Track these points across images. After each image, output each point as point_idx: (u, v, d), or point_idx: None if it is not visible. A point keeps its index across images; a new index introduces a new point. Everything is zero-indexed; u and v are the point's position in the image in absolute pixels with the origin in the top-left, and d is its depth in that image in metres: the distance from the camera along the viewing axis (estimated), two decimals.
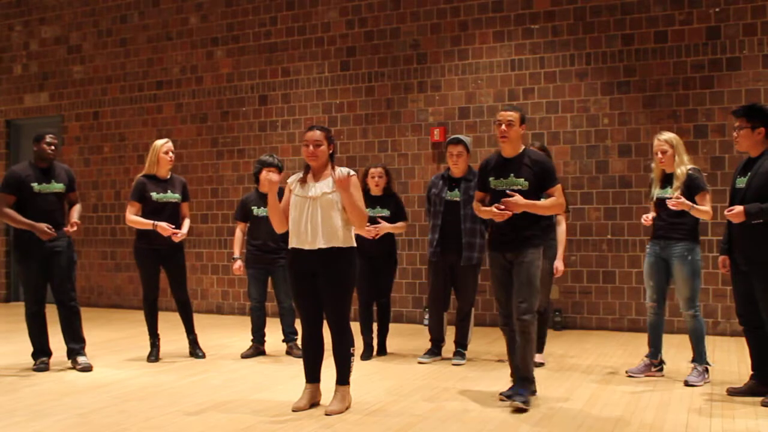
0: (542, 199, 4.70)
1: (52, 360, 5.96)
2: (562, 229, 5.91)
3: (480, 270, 6.14)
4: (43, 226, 5.65)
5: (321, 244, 4.50)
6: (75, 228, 5.82)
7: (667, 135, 5.38)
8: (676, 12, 7.58)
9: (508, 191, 4.62)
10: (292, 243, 4.62)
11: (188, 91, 9.78)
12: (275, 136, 9.27)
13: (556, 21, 8.03)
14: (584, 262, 7.82)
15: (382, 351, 6.42)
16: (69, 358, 5.93)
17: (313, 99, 9.09)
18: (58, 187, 5.91)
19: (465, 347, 6.15)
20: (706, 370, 5.30)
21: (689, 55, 7.52)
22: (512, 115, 4.69)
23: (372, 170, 6.34)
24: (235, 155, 9.48)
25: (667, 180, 5.37)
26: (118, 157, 10.10)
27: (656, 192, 5.43)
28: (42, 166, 5.88)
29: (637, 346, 6.57)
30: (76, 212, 5.98)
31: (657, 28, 7.64)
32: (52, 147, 5.87)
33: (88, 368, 5.83)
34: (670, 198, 5.15)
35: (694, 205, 5.12)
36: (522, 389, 4.59)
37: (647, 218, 5.48)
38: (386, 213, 6.24)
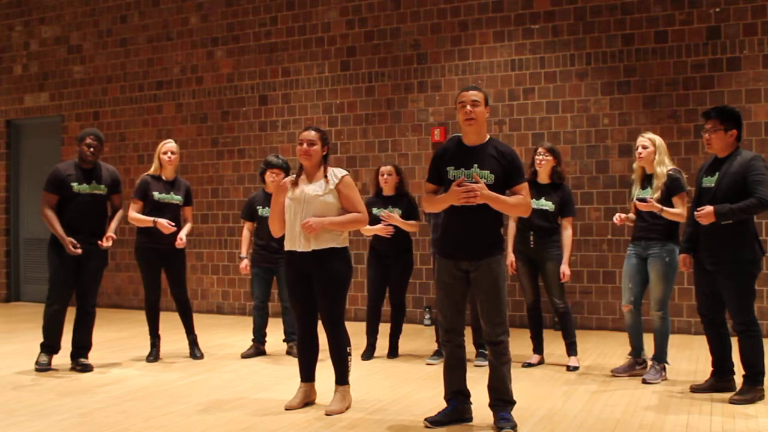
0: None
1: (53, 360, 5.94)
2: (567, 234, 5.83)
3: None
4: (69, 244, 5.57)
5: (314, 246, 4.51)
6: (110, 243, 5.76)
7: (651, 135, 5.44)
8: (677, 12, 7.58)
9: (472, 179, 4.04)
10: (287, 245, 4.63)
11: (188, 91, 9.78)
12: (275, 136, 9.27)
13: (556, 21, 8.03)
14: (584, 262, 7.82)
15: (394, 353, 6.34)
16: (72, 360, 5.92)
17: (313, 99, 9.09)
18: (99, 188, 5.84)
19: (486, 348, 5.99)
20: (664, 369, 5.40)
21: (689, 55, 7.52)
22: (476, 95, 4.13)
23: (382, 168, 6.34)
24: (235, 155, 9.48)
25: (647, 180, 5.42)
26: (118, 157, 10.09)
27: (636, 192, 5.47)
28: (85, 166, 5.81)
29: None
30: (115, 222, 5.93)
31: (657, 28, 7.64)
32: (91, 149, 5.76)
33: (88, 368, 5.83)
34: (651, 198, 5.24)
35: (665, 208, 5.17)
36: (505, 413, 4.16)
37: (619, 217, 5.49)
38: (398, 212, 6.17)
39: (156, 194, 6.18)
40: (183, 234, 6.24)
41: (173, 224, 6.09)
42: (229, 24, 9.58)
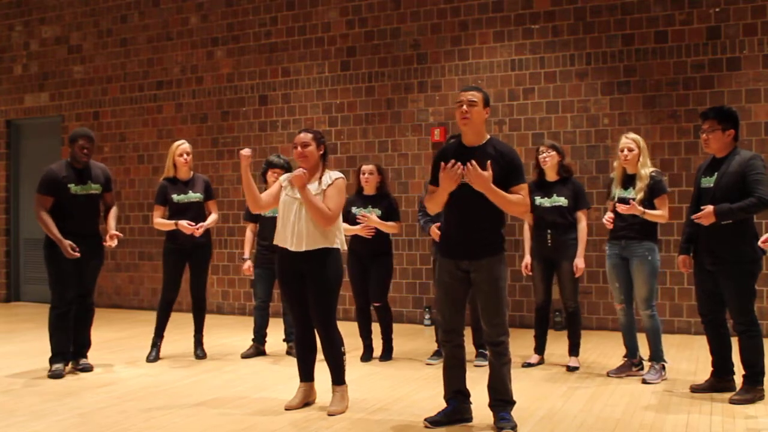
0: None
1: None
2: (582, 227, 5.82)
3: None
4: (68, 246, 5.52)
5: (304, 246, 4.51)
6: (115, 241, 5.75)
7: (634, 135, 5.46)
8: (677, 12, 7.58)
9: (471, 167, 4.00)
10: (277, 240, 4.64)
11: (188, 91, 9.78)
12: (275, 136, 9.27)
13: (557, 21, 8.03)
14: (584, 262, 7.79)
15: (387, 355, 6.29)
16: (72, 359, 5.89)
17: (313, 99, 9.09)
18: (94, 188, 5.82)
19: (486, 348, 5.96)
20: (663, 368, 5.40)
21: (689, 55, 7.52)
22: (474, 95, 4.15)
23: (363, 167, 6.28)
24: (236, 155, 9.47)
25: (628, 181, 5.42)
26: (118, 157, 10.09)
27: (617, 192, 5.47)
28: (77, 167, 5.78)
29: None
30: (113, 220, 5.91)
31: (657, 28, 7.64)
32: (85, 150, 5.73)
33: (88, 368, 5.82)
34: (633, 198, 5.25)
35: (647, 211, 5.21)
36: (505, 413, 4.17)
37: (609, 219, 5.47)
38: (378, 212, 6.14)
39: (175, 197, 6.22)
40: (205, 223, 6.24)
41: (193, 224, 6.12)
42: (229, 24, 9.58)
